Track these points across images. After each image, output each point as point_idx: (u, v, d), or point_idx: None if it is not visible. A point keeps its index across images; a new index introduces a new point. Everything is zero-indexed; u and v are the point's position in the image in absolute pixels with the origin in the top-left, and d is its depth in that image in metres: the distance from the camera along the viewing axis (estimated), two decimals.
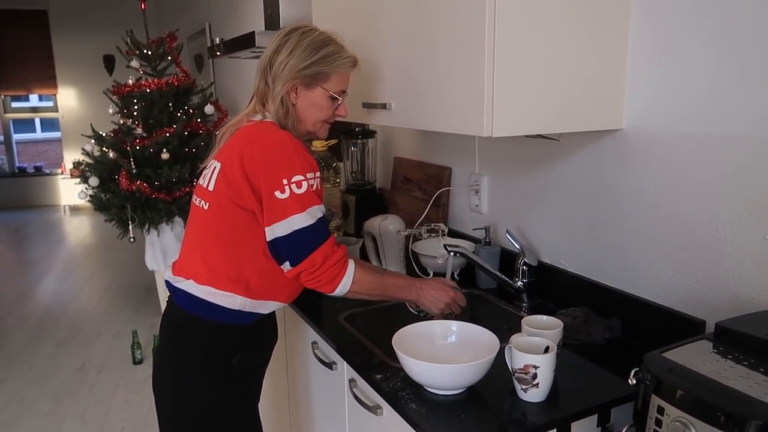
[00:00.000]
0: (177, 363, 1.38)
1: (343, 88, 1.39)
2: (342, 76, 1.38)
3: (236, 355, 1.37)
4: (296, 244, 1.26)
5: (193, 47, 5.68)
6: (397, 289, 1.43)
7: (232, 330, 1.36)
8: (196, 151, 3.67)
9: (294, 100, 1.35)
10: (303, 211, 1.24)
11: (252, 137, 1.29)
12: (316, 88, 1.35)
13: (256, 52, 2.42)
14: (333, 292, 1.31)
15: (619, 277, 1.45)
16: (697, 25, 1.20)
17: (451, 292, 1.46)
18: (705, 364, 0.91)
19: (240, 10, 4.25)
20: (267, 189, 1.24)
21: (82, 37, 7.84)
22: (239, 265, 1.32)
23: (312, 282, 1.30)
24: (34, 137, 11.78)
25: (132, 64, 3.70)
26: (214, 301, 1.32)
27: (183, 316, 1.36)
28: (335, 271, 1.29)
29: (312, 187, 1.26)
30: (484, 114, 1.20)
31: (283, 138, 1.27)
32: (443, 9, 1.28)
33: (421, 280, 1.49)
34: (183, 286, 1.36)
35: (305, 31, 1.34)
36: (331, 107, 1.39)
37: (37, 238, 6.71)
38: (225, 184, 1.30)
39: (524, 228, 1.75)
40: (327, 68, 1.33)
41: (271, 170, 1.24)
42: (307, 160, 1.27)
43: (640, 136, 1.35)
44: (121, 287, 4.83)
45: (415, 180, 2.20)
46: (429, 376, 1.16)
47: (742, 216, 1.16)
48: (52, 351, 3.70)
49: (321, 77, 1.34)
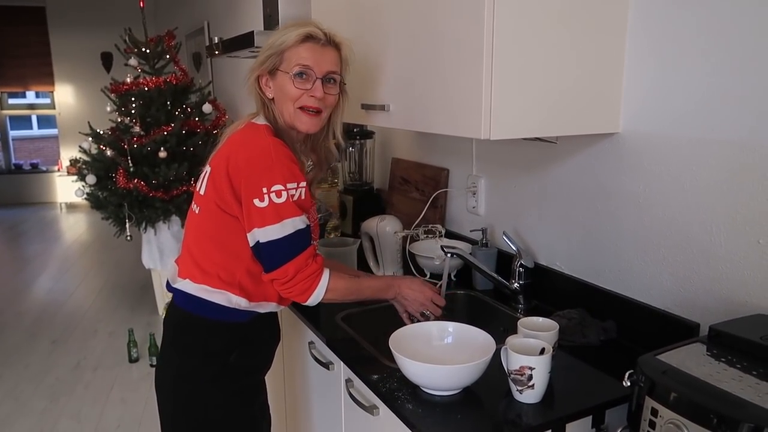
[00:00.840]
0: (177, 361, 1.40)
1: (300, 63, 1.31)
2: (294, 52, 1.31)
3: (233, 352, 1.38)
4: (271, 253, 1.27)
5: (191, 46, 5.67)
6: (374, 291, 1.44)
7: (228, 327, 1.36)
8: (194, 149, 3.67)
9: (269, 93, 1.36)
10: (278, 222, 1.25)
11: (239, 143, 1.30)
12: (277, 73, 1.34)
13: (255, 52, 2.42)
14: (305, 303, 1.33)
15: (614, 279, 1.46)
16: (693, 30, 1.21)
17: (428, 291, 1.47)
18: (698, 367, 0.93)
19: (238, 9, 4.24)
20: (247, 195, 1.25)
21: (80, 35, 7.82)
22: (231, 268, 1.33)
23: (284, 291, 1.31)
24: (31, 134, 11.73)
25: (130, 62, 3.70)
26: (210, 298, 1.33)
27: (182, 315, 1.38)
28: (307, 284, 1.30)
29: (292, 198, 1.25)
30: (482, 116, 1.20)
31: (268, 146, 1.26)
32: (442, 12, 1.28)
33: (398, 278, 1.50)
34: (180, 286, 1.37)
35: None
36: (297, 88, 1.32)
37: (33, 235, 6.69)
38: (213, 190, 1.31)
39: (521, 230, 1.76)
40: (276, 49, 1.32)
41: (252, 178, 1.24)
42: (290, 170, 1.26)
43: (637, 139, 1.36)
44: (117, 285, 4.83)
45: (413, 181, 2.21)
46: (425, 376, 1.17)
47: (736, 220, 1.18)
48: (48, 349, 3.70)
49: (275, 60, 1.33)
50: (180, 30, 4.67)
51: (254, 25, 3.48)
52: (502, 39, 1.17)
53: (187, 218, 1.44)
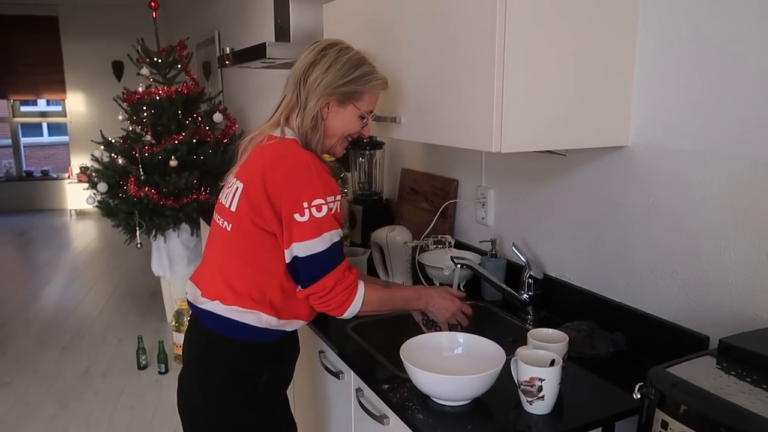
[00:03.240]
0: (207, 384, 1.38)
1: (372, 107, 1.41)
2: (373, 96, 1.40)
3: (264, 373, 1.37)
4: (310, 267, 1.27)
5: (201, 55, 5.73)
6: (405, 301, 1.45)
7: (259, 348, 1.35)
8: (204, 158, 3.70)
9: (325, 115, 1.35)
10: (319, 236, 1.25)
11: (274, 158, 1.29)
12: (349, 105, 1.36)
13: (266, 63, 2.45)
14: (342, 316, 1.32)
15: (624, 291, 1.47)
16: (705, 44, 1.22)
17: (458, 301, 1.48)
18: (708, 380, 0.93)
19: (249, 20, 4.29)
20: (287, 211, 1.25)
21: (92, 43, 7.90)
22: (263, 286, 1.32)
23: (321, 305, 1.31)
24: (41, 141, 11.87)
25: (142, 71, 3.75)
26: (241, 319, 1.32)
27: (210, 336, 1.36)
28: (345, 296, 1.30)
29: (331, 211, 1.26)
30: (493, 130, 1.22)
31: (306, 159, 1.27)
32: (454, 28, 1.30)
33: (427, 288, 1.51)
34: (209, 307, 1.35)
35: (342, 48, 1.35)
36: (358, 125, 1.40)
37: (43, 242, 6.74)
38: (248, 206, 1.30)
39: (530, 241, 1.77)
40: (361, 87, 1.35)
41: (292, 192, 1.24)
42: (329, 183, 1.27)
43: (646, 152, 1.37)
44: (127, 292, 4.86)
45: (422, 191, 2.23)
46: (436, 387, 1.18)
47: (746, 234, 1.18)
48: (57, 355, 3.72)
49: (355, 95, 1.35)
50: (191, 39, 4.72)
51: (265, 36, 3.52)
52: (513, 54, 1.19)
53: (210, 234, 1.43)
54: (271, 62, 2.39)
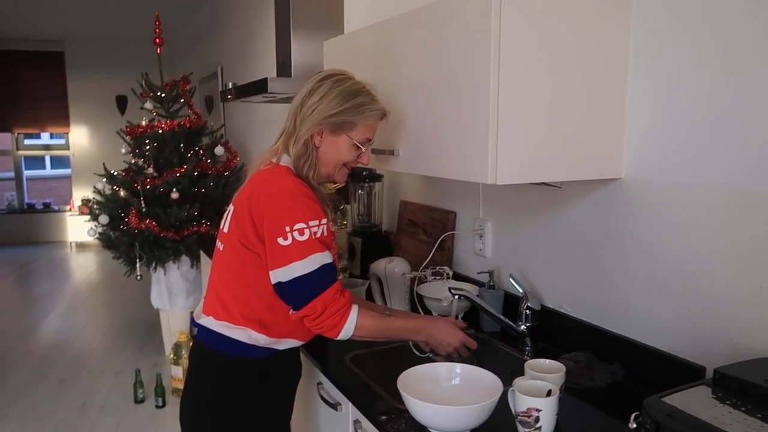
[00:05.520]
0: (197, 393, 1.45)
1: (368, 137, 1.43)
2: (368, 126, 1.42)
3: (252, 387, 1.41)
4: (296, 290, 1.30)
5: (204, 89, 5.83)
6: (404, 332, 1.46)
7: (248, 363, 1.40)
8: (206, 190, 3.74)
9: (318, 143, 1.39)
10: (303, 258, 1.29)
11: (261, 182, 1.36)
12: (342, 135, 1.39)
13: (268, 97, 2.50)
14: (336, 338, 1.35)
15: (621, 322, 1.48)
16: (695, 78, 1.25)
17: (460, 335, 1.48)
18: (704, 410, 0.94)
19: (252, 56, 4.38)
20: (270, 234, 1.30)
21: (96, 78, 8.04)
22: (252, 304, 1.38)
23: (315, 327, 1.34)
24: (44, 174, 11.95)
25: (146, 105, 3.81)
26: (231, 335, 1.38)
27: (205, 350, 1.44)
28: (336, 318, 1.32)
29: (315, 235, 1.30)
30: (489, 162, 1.25)
31: (289, 185, 1.32)
32: (451, 64, 1.34)
33: (429, 320, 1.52)
34: (204, 322, 1.43)
35: (339, 79, 1.39)
36: (353, 154, 1.42)
37: (42, 274, 6.74)
38: (236, 227, 1.37)
39: (527, 272, 1.78)
40: (354, 118, 1.38)
41: (274, 217, 1.29)
42: (310, 208, 1.31)
43: (640, 184, 1.40)
44: (125, 325, 4.84)
45: (421, 223, 2.25)
46: (433, 417, 1.18)
47: (739, 265, 1.20)
48: (55, 388, 3.69)
49: (347, 126, 1.38)
50: (194, 75, 4.82)
51: (267, 71, 3.60)
52: (508, 89, 1.23)
53: (213, 256, 1.50)
54: (272, 96, 2.44)
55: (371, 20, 1.81)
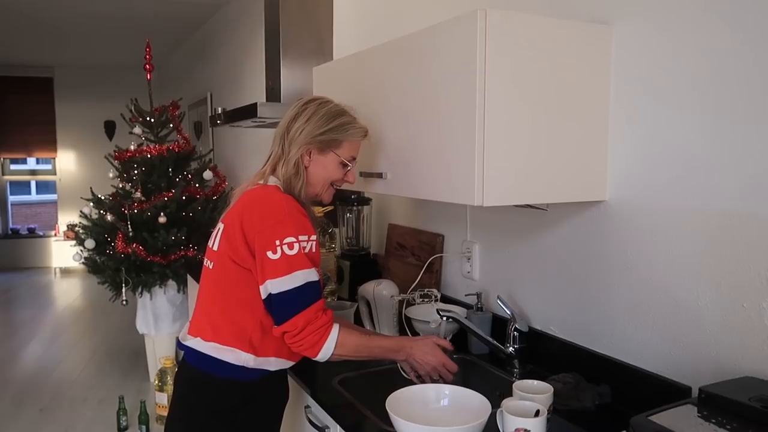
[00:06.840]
0: (185, 417, 1.43)
1: (353, 155, 1.49)
2: (353, 144, 1.49)
3: (240, 411, 1.40)
4: (282, 304, 1.32)
5: (193, 115, 5.85)
6: (384, 351, 1.46)
7: (237, 385, 1.39)
8: (193, 215, 3.73)
9: (307, 163, 1.44)
10: (290, 273, 1.30)
11: (251, 200, 1.39)
12: (329, 153, 1.45)
13: (257, 122, 2.53)
14: (315, 357, 1.35)
15: (607, 344, 1.49)
16: (676, 103, 1.29)
17: (440, 355, 1.47)
18: (689, 428, 0.95)
19: (241, 81, 4.42)
20: (260, 248, 1.32)
21: (85, 104, 8.04)
22: (242, 322, 1.37)
23: (294, 345, 1.34)
24: (29, 199, 11.86)
25: (135, 130, 3.82)
26: (219, 356, 1.37)
27: (192, 372, 1.42)
28: (316, 337, 1.33)
29: (304, 249, 1.32)
30: (476, 184, 1.27)
31: (280, 200, 1.36)
32: (438, 90, 1.37)
33: (411, 340, 1.52)
34: (191, 343, 1.42)
35: (322, 102, 1.46)
36: (340, 172, 1.48)
37: (25, 300, 6.63)
38: (227, 245, 1.38)
39: (515, 294, 1.79)
40: (340, 136, 1.44)
41: (265, 231, 1.31)
42: (301, 223, 1.34)
43: (623, 207, 1.42)
44: (109, 351, 4.76)
45: (409, 246, 2.26)
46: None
47: (721, 285, 1.22)
48: (36, 417, 3.61)
49: (334, 144, 1.44)
50: (183, 100, 4.85)
51: (256, 97, 3.63)
52: (492, 114, 1.26)
53: (201, 277, 1.50)
54: (261, 121, 2.47)
55: (360, 47, 1.85)
